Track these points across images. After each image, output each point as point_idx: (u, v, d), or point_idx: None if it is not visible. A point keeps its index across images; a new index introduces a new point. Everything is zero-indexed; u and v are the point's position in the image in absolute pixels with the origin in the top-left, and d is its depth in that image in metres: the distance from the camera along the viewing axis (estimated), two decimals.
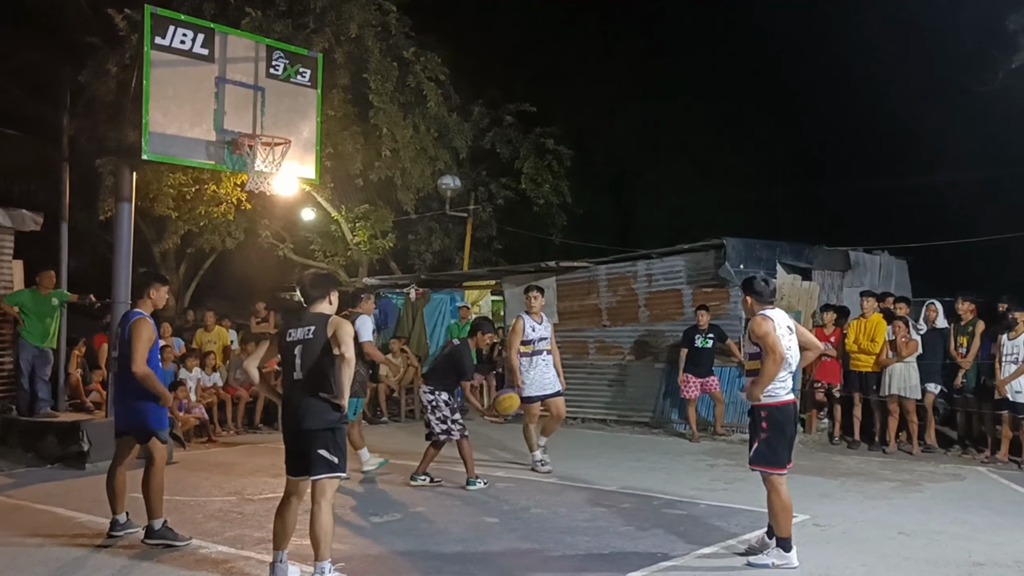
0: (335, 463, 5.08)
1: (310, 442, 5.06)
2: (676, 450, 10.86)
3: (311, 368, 5.12)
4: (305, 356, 5.14)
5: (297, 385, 5.17)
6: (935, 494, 8.17)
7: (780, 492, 5.69)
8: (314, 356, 5.12)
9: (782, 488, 5.71)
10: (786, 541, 5.70)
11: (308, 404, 5.09)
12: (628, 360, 13.11)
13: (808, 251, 12.87)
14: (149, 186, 13.14)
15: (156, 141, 8.79)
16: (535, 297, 8.95)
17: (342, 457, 5.13)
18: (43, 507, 7.41)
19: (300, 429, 5.11)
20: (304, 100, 10.03)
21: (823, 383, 11.22)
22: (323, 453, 5.04)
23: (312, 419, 5.07)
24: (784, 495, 5.70)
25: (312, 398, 5.08)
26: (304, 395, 5.12)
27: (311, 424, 5.07)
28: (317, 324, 5.17)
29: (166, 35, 8.82)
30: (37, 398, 10.21)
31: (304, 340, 5.15)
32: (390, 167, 14.71)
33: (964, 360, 10.35)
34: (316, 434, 5.06)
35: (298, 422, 5.13)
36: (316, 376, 5.10)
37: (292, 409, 5.20)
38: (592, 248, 16.96)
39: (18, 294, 10.52)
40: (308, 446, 5.07)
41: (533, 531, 6.70)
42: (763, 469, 5.76)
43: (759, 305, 5.90)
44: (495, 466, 9.40)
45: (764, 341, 5.69)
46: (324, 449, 5.04)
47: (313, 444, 5.05)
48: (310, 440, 5.06)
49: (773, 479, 5.72)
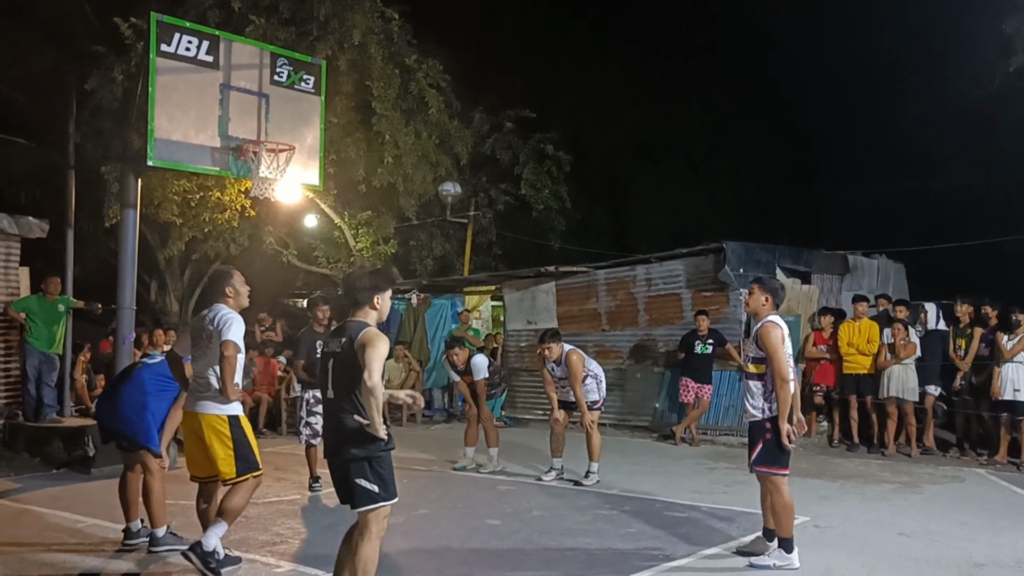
0: (376, 493, 4.51)
1: (346, 471, 4.53)
2: (676, 453, 10.93)
3: (343, 389, 4.56)
4: (337, 374, 4.60)
5: (330, 404, 4.67)
6: (934, 496, 8.25)
7: (783, 492, 5.74)
8: (345, 376, 4.55)
9: (784, 488, 5.76)
10: (788, 542, 5.75)
11: (342, 428, 4.54)
12: (627, 364, 13.18)
13: (807, 255, 12.94)
14: (154, 192, 13.21)
15: (161, 147, 8.88)
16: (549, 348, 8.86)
17: (384, 485, 4.53)
18: (49, 511, 7.45)
19: (335, 456, 4.62)
20: (308, 107, 10.12)
21: (822, 386, 11.29)
22: (361, 483, 4.49)
23: (347, 447, 4.52)
24: (786, 495, 5.75)
25: (347, 422, 4.52)
26: (338, 417, 4.58)
27: (346, 453, 4.53)
28: (350, 334, 4.58)
29: (171, 42, 8.92)
30: (43, 404, 10.27)
31: (335, 354, 4.63)
32: (392, 173, 14.78)
33: (963, 362, 10.42)
34: (351, 463, 4.51)
35: (332, 448, 4.65)
36: (348, 396, 4.54)
37: (327, 432, 4.75)
38: (591, 253, 17.06)
39: (25, 300, 10.59)
40: (345, 475, 4.54)
41: (535, 533, 6.76)
42: (766, 470, 5.80)
43: (770, 309, 5.88)
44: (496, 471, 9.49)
45: (774, 357, 5.68)
46: (362, 479, 4.49)
47: (350, 474, 4.52)
48: (346, 469, 4.54)
49: (775, 480, 5.77)
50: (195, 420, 5.60)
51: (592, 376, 8.86)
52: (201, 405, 5.57)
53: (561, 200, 18.86)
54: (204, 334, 5.64)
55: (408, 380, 14.23)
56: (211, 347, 5.56)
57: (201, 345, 5.65)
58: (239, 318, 5.65)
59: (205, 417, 5.55)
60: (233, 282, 5.79)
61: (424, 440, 12.13)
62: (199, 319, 5.80)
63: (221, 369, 5.48)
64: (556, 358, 8.78)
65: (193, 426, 5.63)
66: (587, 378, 8.81)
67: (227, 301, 5.74)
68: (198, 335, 5.70)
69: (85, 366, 12.31)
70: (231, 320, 5.58)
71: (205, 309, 5.82)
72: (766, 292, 5.92)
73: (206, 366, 5.59)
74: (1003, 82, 13.79)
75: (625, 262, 13.67)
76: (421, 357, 15.02)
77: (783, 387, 5.66)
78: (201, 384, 5.61)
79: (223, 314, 5.61)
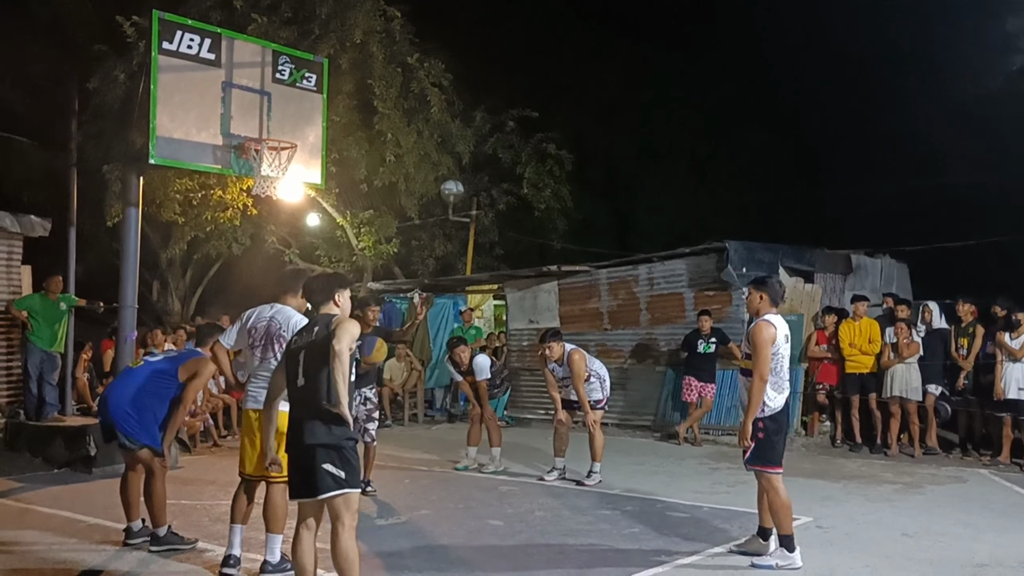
0: (342, 478, 4.50)
1: (313, 458, 4.51)
2: (678, 453, 10.92)
3: (314, 374, 4.55)
4: (308, 361, 4.59)
5: (299, 394, 4.64)
6: (937, 496, 8.23)
7: (779, 490, 5.73)
8: (317, 361, 4.54)
9: (780, 486, 5.75)
10: (789, 540, 5.74)
11: (308, 416, 4.55)
12: (629, 364, 13.17)
13: (810, 254, 12.92)
14: (156, 191, 13.22)
15: (163, 145, 8.87)
16: (550, 348, 8.83)
17: (351, 471, 4.55)
18: (51, 511, 7.45)
19: (299, 445, 4.58)
20: (310, 105, 10.10)
21: (825, 385, 11.27)
22: (328, 467, 4.48)
23: (314, 434, 4.51)
24: (783, 493, 5.74)
25: (314, 409, 4.52)
26: (305, 405, 4.57)
27: (313, 439, 4.52)
28: (321, 324, 4.66)
29: (173, 40, 8.91)
30: (45, 403, 10.27)
31: (307, 344, 4.63)
32: (394, 173, 14.79)
33: (965, 362, 10.40)
34: (319, 449, 4.50)
35: (296, 438, 4.60)
36: (318, 384, 4.52)
37: (292, 422, 4.67)
38: (592, 253, 17.04)
39: (27, 299, 10.59)
40: (311, 463, 4.51)
41: (537, 533, 6.75)
42: (760, 468, 5.80)
43: (768, 307, 5.90)
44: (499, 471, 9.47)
45: (757, 355, 5.70)
46: (329, 463, 4.48)
47: (316, 460, 4.49)
48: (312, 456, 4.51)
49: (771, 478, 5.76)
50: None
51: (596, 376, 8.85)
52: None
53: (563, 200, 18.84)
54: (270, 336, 5.55)
55: (410, 379, 14.23)
56: (280, 351, 5.41)
57: (267, 346, 5.55)
58: None
59: (280, 415, 5.31)
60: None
61: (425, 440, 12.12)
62: (260, 318, 5.64)
63: None
64: (557, 358, 8.76)
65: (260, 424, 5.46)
66: (591, 377, 8.79)
67: (294, 302, 5.68)
68: (260, 333, 5.59)
69: (87, 365, 12.32)
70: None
71: (265, 306, 5.71)
72: (759, 291, 5.94)
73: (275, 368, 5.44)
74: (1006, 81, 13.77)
75: (627, 261, 13.66)
76: (423, 356, 15.01)
77: (759, 385, 5.69)
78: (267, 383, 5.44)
79: (299, 321, 5.48)
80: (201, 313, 16.90)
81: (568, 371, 8.69)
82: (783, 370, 5.84)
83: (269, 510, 5.57)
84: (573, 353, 8.71)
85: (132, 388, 6.23)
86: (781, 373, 5.82)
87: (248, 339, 5.66)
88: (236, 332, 5.77)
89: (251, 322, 5.68)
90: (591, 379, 8.82)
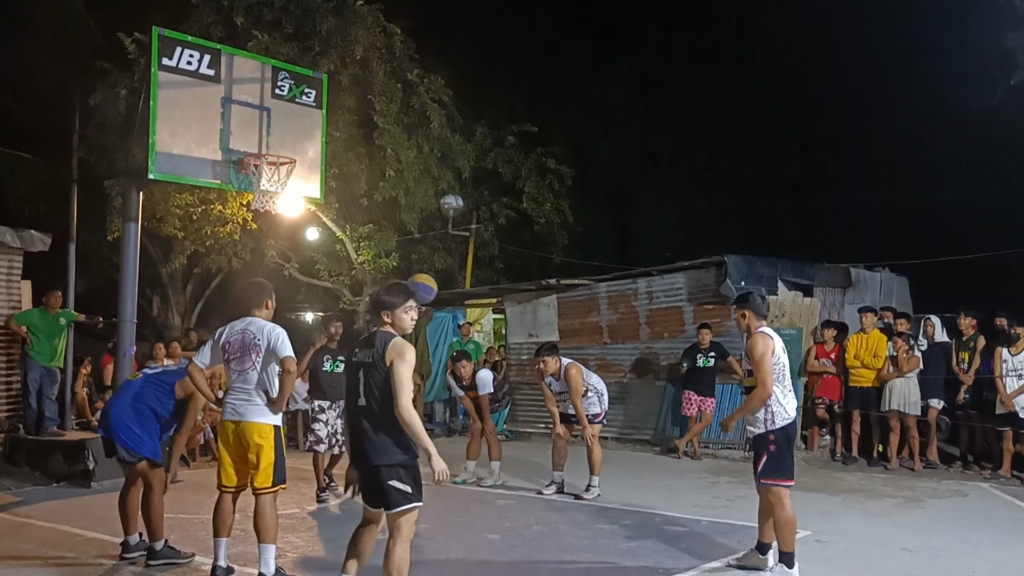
0: (410, 493, 4.67)
1: (379, 476, 4.69)
2: (677, 468, 10.89)
3: (374, 394, 4.68)
4: (367, 380, 4.72)
5: (361, 412, 4.75)
6: (938, 511, 8.19)
7: (785, 506, 5.71)
8: (375, 381, 4.68)
9: (787, 501, 5.73)
10: (790, 557, 5.72)
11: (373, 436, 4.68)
12: (629, 378, 13.16)
13: (809, 268, 12.92)
14: (156, 206, 13.25)
15: (163, 161, 8.92)
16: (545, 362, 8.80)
17: (416, 486, 4.71)
18: (49, 525, 7.44)
19: (364, 461, 4.76)
20: (309, 120, 10.16)
21: (824, 399, 11.25)
22: (395, 484, 4.65)
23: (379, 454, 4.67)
24: (789, 509, 5.73)
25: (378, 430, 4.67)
26: (369, 425, 4.70)
27: (377, 459, 4.67)
28: (378, 344, 4.74)
29: (173, 56, 8.98)
30: (44, 417, 10.27)
31: (366, 364, 4.74)
32: (394, 187, 14.82)
33: (966, 376, 10.38)
34: (383, 468, 4.67)
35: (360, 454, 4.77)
36: (380, 405, 4.66)
37: (356, 438, 4.81)
38: (592, 266, 17.04)
39: (27, 314, 10.61)
40: (378, 479, 4.69)
41: (534, 548, 6.73)
42: (773, 482, 5.74)
43: (757, 320, 5.91)
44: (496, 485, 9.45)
45: (759, 366, 5.70)
46: (396, 480, 4.65)
47: (382, 477, 4.67)
48: (378, 474, 4.69)
49: (779, 492, 5.73)
50: (242, 429, 5.57)
51: (593, 390, 8.83)
52: (251, 414, 5.55)
53: (563, 214, 18.86)
54: (246, 346, 5.60)
55: None
56: (258, 360, 5.54)
57: (244, 357, 5.59)
58: (285, 332, 5.70)
59: (255, 426, 5.54)
60: (272, 295, 5.88)
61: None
62: (233, 332, 5.69)
63: (281, 383, 5.56)
64: (553, 372, 8.74)
65: (238, 435, 5.58)
66: (588, 392, 8.77)
67: (263, 314, 5.77)
68: (235, 347, 5.63)
69: (86, 379, 12.32)
70: (282, 335, 5.63)
71: (236, 320, 5.74)
72: (742, 308, 5.97)
73: (252, 379, 5.56)
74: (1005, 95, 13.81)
75: (627, 275, 13.66)
76: (422, 370, 14.98)
77: (761, 392, 5.69)
78: (245, 394, 5.58)
79: (272, 329, 5.63)
80: (202, 327, 16.87)
81: (565, 385, 8.68)
82: (787, 379, 5.85)
83: (259, 521, 5.58)
84: (570, 368, 8.69)
85: (131, 400, 6.24)
86: (786, 382, 5.82)
87: (223, 355, 5.70)
88: (209, 350, 5.79)
89: (224, 338, 5.71)
90: (589, 393, 8.80)
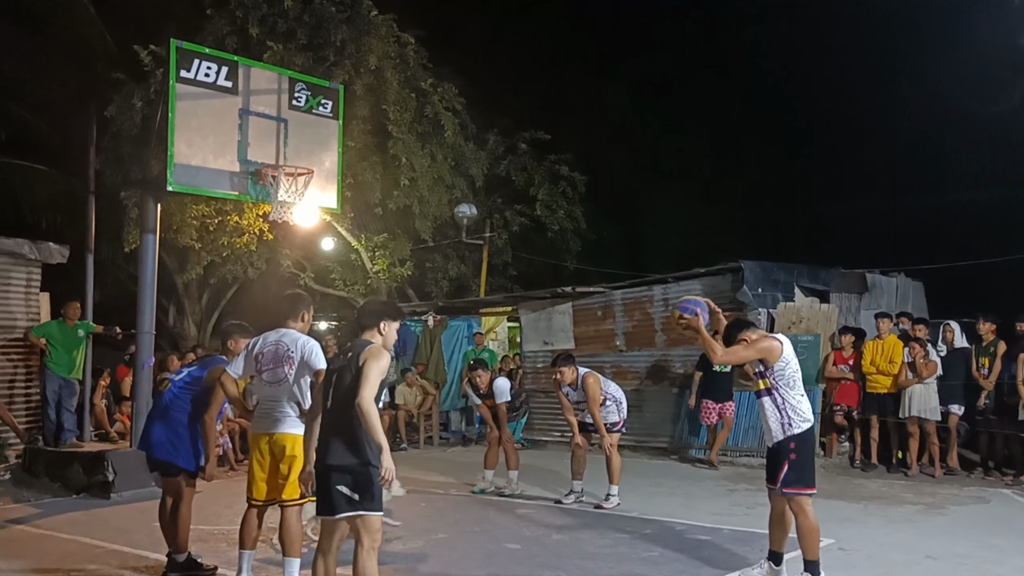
0: (356, 500, 4.58)
1: (328, 478, 4.65)
2: (695, 475, 10.84)
3: (341, 397, 4.68)
4: (337, 384, 4.73)
5: (326, 416, 4.77)
6: (960, 517, 8.12)
7: (808, 514, 5.65)
8: (344, 385, 4.68)
9: (809, 509, 5.68)
10: (815, 565, 5.66)
11: (334, 438, 4.66)
12: (645, 385, 13.11)
13: (825, 273, 12.86)
14: (172, 217, 13.34)
15: (181, 172, 8.95)
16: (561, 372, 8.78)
17: (365, 495, 4.60)
18: (69, 536, 7.45)
19: (320, 463, 4.71)
20: (326, 131, 10.19)
21: (843, 406, 11.17)
22: (341, 489, 4.59)
23: (335, 456, 4.63)
24: (812, 517, 5.67)
25: (340, 432, 4.64)
26: (332, 427, 4.69)
27: (330, 460, 4.64)
28: (355, 350, 4.76)
29: (191, 68, 9.01)
30: (63, 429, 10.32)
31: (339, 367, 4.76)
32: (408, 196, 14.88)
33: (986, 381, 10.30)
34: (333, 472, 4.62)
35: (320, 456, 4.72)
36: (344, 406, 4.64)
37: (320, 442, 4.77)
38: (605, 273, 17.02)
39: (45, 326, 10.66)
40: (327, 482, 4.65)
41: (554, 557, 6.70)
42: (796, 491, 5.68)
43: (757, 334, 5.89)
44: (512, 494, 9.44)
45: (749, 347, 5.73)
46: (343, 485, 4.59)
47: (331, 480, 4.63)
48: (328, 476, 4.65)
49: (801, 501, 5.68)
50: (275, 440, 5.53)
51: (612, 399, 8.80)
52: (284, 426, 5.53)
53: (576, 221, 18.88)
54: (279, 358, 5.56)
55: (425, 403, 14.22)
56: (290, 372, 5.50)
57: (277, 369, 5.55)
58: (319, 344, 5.67)
59: (288, 437, 5.49)
60: (310, 307, 5.85)
61: (441, 463, 12.08)
62: (267, 343, 5.64)
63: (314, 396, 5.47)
64: (570, 382, 8.72)
65: (270, 447, 5.54)
66: (607, 400, 8.75)
67: (298, 326, 5.74)
68: (268, 358, 5.59)
69: (105, 391, 12.36)
70: (316, 348, 5.59)
71: (270, 332, 5.71)
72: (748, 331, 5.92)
73: (284, 390, 5.52)
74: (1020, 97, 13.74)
75: (642, 282, 13.63)
76: (437, 379, 15.00)
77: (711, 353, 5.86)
78: (278, 406, 5.54)
79: (306, 342, 5.58)
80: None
81: (583, 395, 8.65)
82: (798, 383, 5.78)
83: (284, 534, 5.57)
84: (587, 377, 8.67)
85: (163, 414, 6.21)
86: (798, 386, 5.75)
87: (256, 365, 5.67)
88: (243, 361, 5.76)
89: (257, 348, 5.69)
90: (607, 402, 8.78)
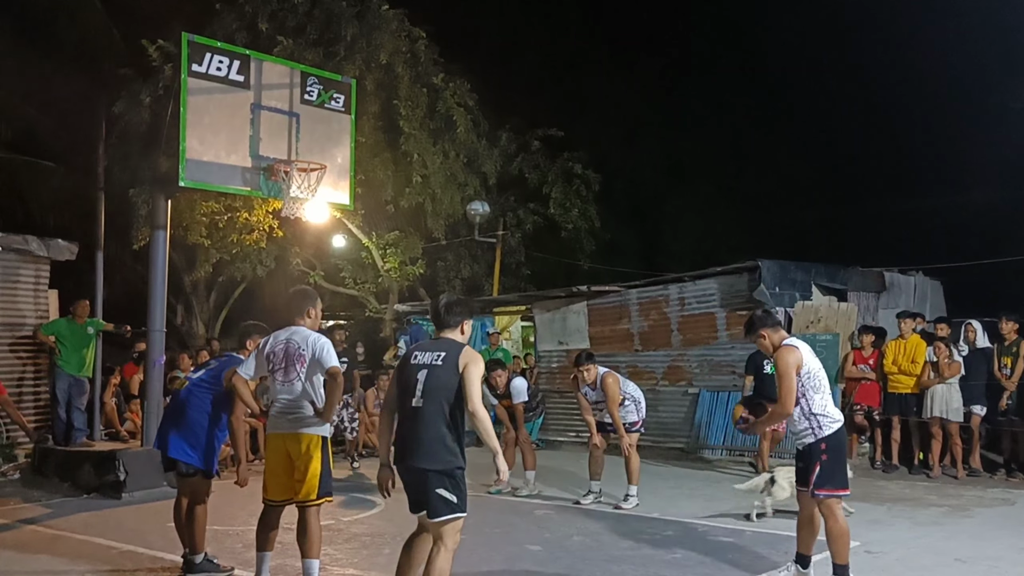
0: (454, 503, 4.60)
1: (425, 481, 4.60)
2: (714, 476, 10.69)
3: (435, 398, 4.61)
4: (429, 383, 4.64)
5: (413, 414, 4.66)
6: (987, 519, 7.97)
7: (838, 517, 5.51)
8: (439, 386, 4.62)
9: (839, 513, 5.54)
10: (845, 569, 5.51)
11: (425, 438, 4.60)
12: (661, 385, 12.95)
13: (843, 273, 12.69)
14: (182, 215, 13.23)
15: (193, 168, 8.84)
16: (587, 370, 8.67)
17: (461, 497, 4.65)
18: (81, 537, 7.35)
19: (411, 463, 4.65)
20: (338, 126, 10.06)
21: (863, 406, 10.99)
22: (441, 493, 4.58)
23: (429, 458, 4.59)
24: (842, 520, 5.54)
25: (431, 432, 4.59)
26: (422, 427, 4.62)
27: (426, 463, 4.59)
28: (449, 351, 4.69)
29: (203, 62, 8.90)
30: (73, 427, 10.22)
31: (430, 366, 4.67)
32: (420, 193, 14.75)
33: (1009, 381, 10.12)
34: (431, 474, 4.59)
35: (410, 456, 4.66)
36: (438, 407, 4.60)
37: (405, 440, 4.70)
38: (619, 273, 16.86)
39: (54, 324, 10.56)
40: (424, 485, 4.60)
41: (577, 560, 6.57)
42: (828, 492, 5.52)
43: (776, 334, 5.70)
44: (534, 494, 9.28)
45: (780, 382, 5.53)
46: (442, 488, 4.58)
47: (429, 484, 4.58)
48: (424, 479, 4.60)
49: (831, 504, 5.53)
50: (290, 440, 5.42)
51: (631, 398, 8.68)
52: (298, 425, 5.42)
53: (590, 220, 18.72)
54: (290, 357, 5.46)
55: None
56: (302, 371, 5.40)
57: (289, 368, 5.45)
58: (330, 342, 5.57)
59: (304, 436, 5.39)
60: (317, 303, 5.74)
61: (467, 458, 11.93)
62: (277, 342, 5.53)
63: (328, 393, 5.40)
64: (592, 381, 8.60)
65: (286, 447, 5.43)
66: (626, 400, 8.63)
67: (307, 323, 5.63)
68: (279, 357, 5.48)
69: (115, 389, 12.25)
70: (327, 345, 5.50)
71: (281, 330, 5.60)
72: (755, 334, 5.75)
73: (297, 389, 5.41)
74: None
75: (658, 281, 13.47)
76: None
77: (778, 409, 5.56)
78: (293, 406, 5.43)
79: (316, 339, 5.48)
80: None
81: (602, 395, 8.53)
82: (824, 385, 5.62)
83: (304, 535, 5.44)
84: (607, 376, 8.54)
85: (178, 413, 6.11)
86: (823, 389, 5.60)
87: (268, 365, 5.55)
88: (254, 361, 5.63)
89: (268, 348, 5.57)
90: (626, 402, 8.66)
